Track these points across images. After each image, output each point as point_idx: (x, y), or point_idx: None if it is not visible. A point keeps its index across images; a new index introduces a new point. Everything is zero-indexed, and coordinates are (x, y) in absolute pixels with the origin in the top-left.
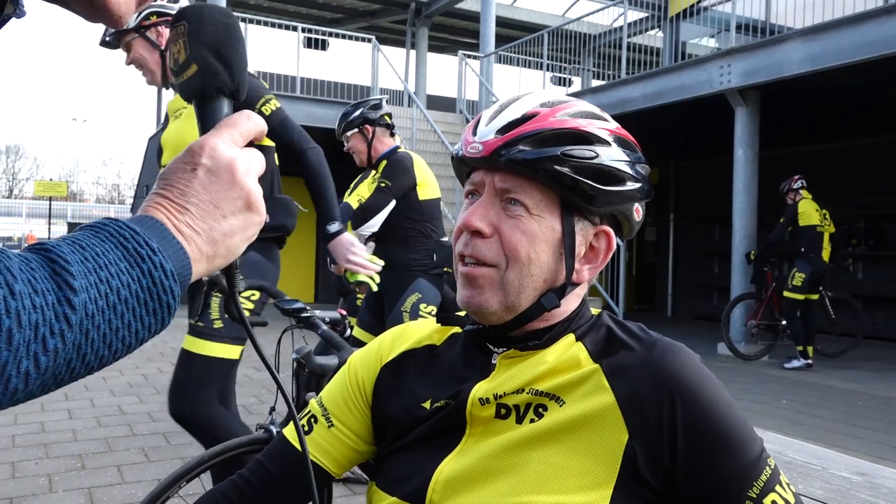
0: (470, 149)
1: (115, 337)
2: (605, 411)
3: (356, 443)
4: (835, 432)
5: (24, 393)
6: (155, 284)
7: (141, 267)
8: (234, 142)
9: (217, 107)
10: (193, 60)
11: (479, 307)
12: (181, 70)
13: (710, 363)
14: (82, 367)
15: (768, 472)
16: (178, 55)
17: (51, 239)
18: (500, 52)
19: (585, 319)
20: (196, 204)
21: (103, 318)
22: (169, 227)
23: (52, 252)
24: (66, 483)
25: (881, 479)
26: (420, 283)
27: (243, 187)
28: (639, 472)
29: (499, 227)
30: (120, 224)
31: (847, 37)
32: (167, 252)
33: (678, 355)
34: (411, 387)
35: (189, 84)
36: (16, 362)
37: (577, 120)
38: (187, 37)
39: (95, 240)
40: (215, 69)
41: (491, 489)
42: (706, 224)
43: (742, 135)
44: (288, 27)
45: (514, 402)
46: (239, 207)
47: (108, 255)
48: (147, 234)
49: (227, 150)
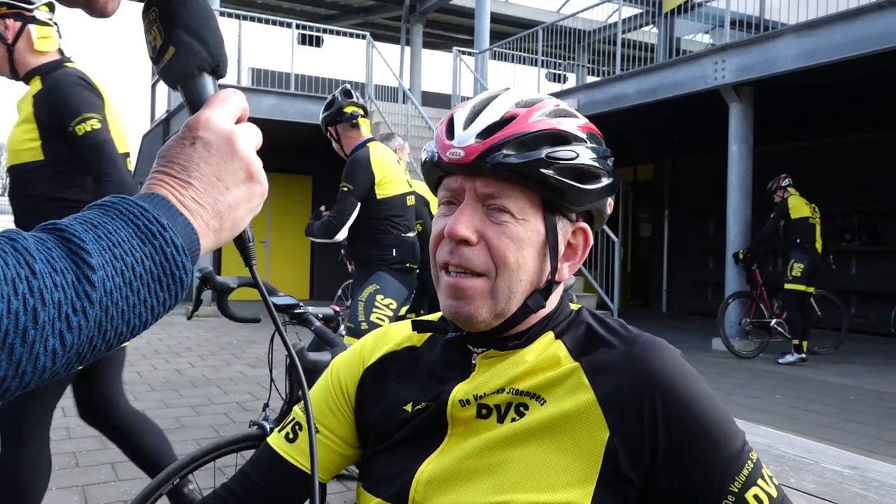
0: (450, 154)
1: (132, 313)
2: (586, 409)
3: (342, 447)
4: (827, 426)
5: (51, 371)
6: (167, 260)
7: (153, 243)
8: (228, 115)
9: (202, 83)
10: (170, 43)
11: (469, 317)
12: (160, 55)
13: (704, 359)
14: (103, 343)
15: (750, 466)
16: (154, 42)
17: (62, 219)
18: (495, 48)
19: (564, 316)
20: (198, 178)
21: (121, 295)
22: (174, 203)
23: (66, 231)
24: (59, 481)
25: (873, 473)
26: (379, 276)
27: (243, 158)
28: (620, 469)
29: (484, 234)
30: (128, 201)
31: (840, 32)
32: (176, 228)
33: (659, 351)
34: (393, 390)
35: (170, 66)
36: (42, 340)
37: (555, 120)
38: (160, 21)
39: (106, 218)
40: (192, 47)
41: (473, 488)
42: (701, 220)
43: (736, 131)
44: (282, 24)
45: (494, 401)
46: (241, 178)
47: (120, 232)
48: (155, 211)
49: (223, 123)
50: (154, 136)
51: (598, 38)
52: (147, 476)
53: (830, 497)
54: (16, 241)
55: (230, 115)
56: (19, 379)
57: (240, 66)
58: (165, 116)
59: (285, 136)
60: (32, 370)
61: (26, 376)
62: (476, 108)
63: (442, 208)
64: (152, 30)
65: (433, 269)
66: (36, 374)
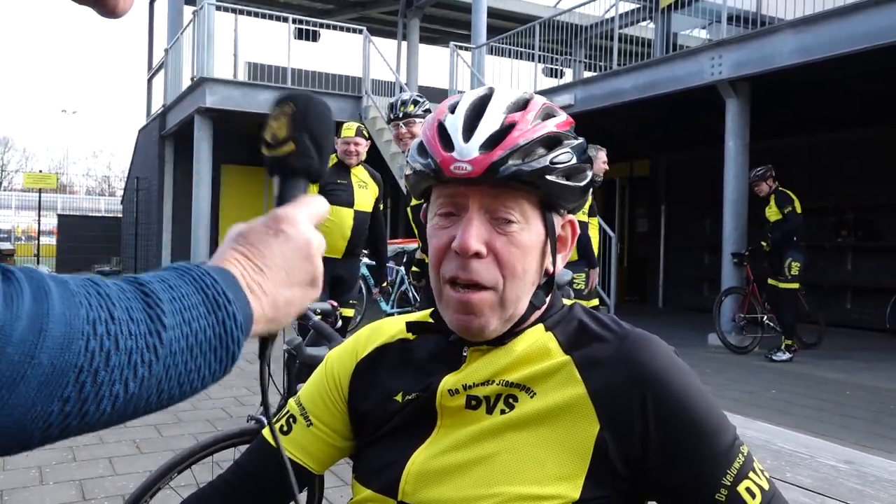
0: (454, 169)
1: (187, 378)
2: (576, 403)
3: (335, 440)
4: (823, 422)
5: (107, 417)
6: (226, 333)
7: (217, 314)
8: (311, 220)
9: (298, 184)
10: (293, 140)
11: (480, 330)
12: (277, 145)
13: (700, 354)
14: (157, 402)
15: (741, 460)
16: (277, 131)
17: (141, 274)
18: (492, 43)
19: (556, 310)
20: (271, 267)
21: (182, 358)
22: (242, 284)
23: (146, 287)
24: (57, 475)
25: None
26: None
27: (314, 264)
28: (610, 463)
29: (493, 246)
30: (202, 270)
31: (838, 28)
32: (238, 304)
33: (650, 346)
34: (385, 381)
35: (282, 159)
36: (110, 384)
37: (548, 121)
38: (292, 118)
39: (181, 281)
40: (309, 153)
41: (463, 480)
42: (697, 216)
43: (732, 126)
44: (279, 18)
45: (483, 392)
46: (306, 281)
47: (192, 297)
48: (225, 285)
49: (306, 227)
50: (149, 130)
51: (595, 33)
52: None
53: (826, 491)
54: (99, 286)
55: (313, 219)
56: (81, 417)
57: (236, 60)
58: (161, 111)
59: None
60: (95, 411)
61: (87, 416)
62: (468, 115)
63: (440, 220)
64: (280, 119)
65: (434, 283)
66: (95, 417)
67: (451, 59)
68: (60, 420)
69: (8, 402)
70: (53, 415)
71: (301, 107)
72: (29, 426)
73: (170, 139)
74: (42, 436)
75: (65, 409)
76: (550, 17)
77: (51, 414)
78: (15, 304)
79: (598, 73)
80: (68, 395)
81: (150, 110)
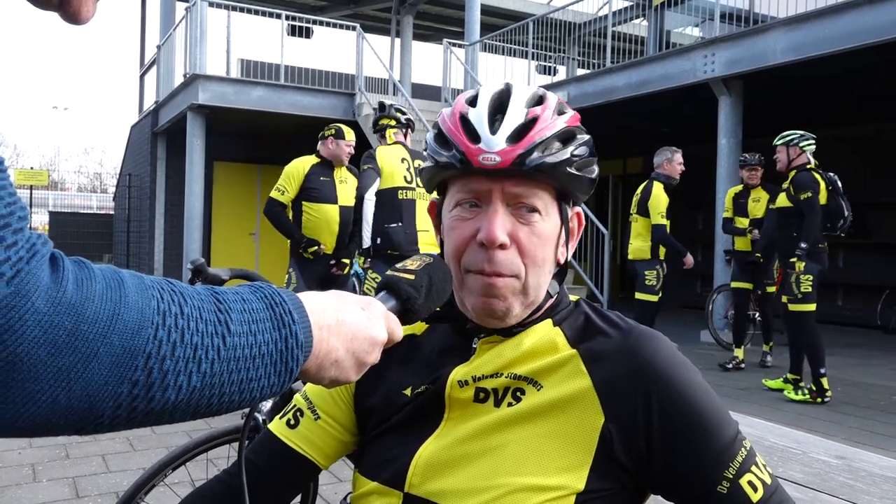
0: (483, 159)
1: (247, 386)
2: (582, 395)
3: (342, 434)
4: (815, 417)
5: (171, 407)
6: (287, 350)
7: (280, 331)
8: (388, 331)
9: (391, 302)
10: (416, 275)
11: (504, 313)
12: (403, 272)
13: (692, 350)
14: (218, 405)
15: (744, 454)
16: (410, 265)
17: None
18: (485, 40)
19: (564, 305)
20: (343, 323)
21: (244, 365)
22: (308, 311)
23: (220, 295)
24: (50, 472)
25: (859, 463)
26: (373, 263)
27: (373, 355)
28: (614, 455)
29: (515, 236)
30: (273, 290)
31: (830, 26)
32: (301, 326)
33: (654, 342)
34: (393, 375)
35: (397, 279)
36: (175, 374)
37: (562, 116)
38: (426, 264)
39: (253, 297)
40: (419, 292)
41: (469, 471)
42: (689, 213)
43: (725, 124)
44: (272, 14)
45: (492, 385)
46: (359, 359)
47: (261, 312)
48: (292, 305)
49: (384, 327)
50: (142, 127)
51: (589, 30)
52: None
53: (818, 486)
54: (174, 285)
55: (390, 332)
56: (147, 402)
57: (229, 56)
58: (153, 108)
59: (275, 127)
60: (160, 398)
61: (153, 402)
62: (492, 108)
63: (461, 210)
64: (418, 261)
65: (455, 271)
66: (160, 404)
67: (445, 57)
68: (129, 402)
69: (83, 377)
70: (122, 395)
71: (436, 261)
72: (100, 405)
73: (162, 136)
74: (112, 416)
75: (133, 392)
76: (544, 15)
77: (120, 395)
78: (86, 287)
79: (591, 71)
80: (137, 379)
81: (142, 107)
